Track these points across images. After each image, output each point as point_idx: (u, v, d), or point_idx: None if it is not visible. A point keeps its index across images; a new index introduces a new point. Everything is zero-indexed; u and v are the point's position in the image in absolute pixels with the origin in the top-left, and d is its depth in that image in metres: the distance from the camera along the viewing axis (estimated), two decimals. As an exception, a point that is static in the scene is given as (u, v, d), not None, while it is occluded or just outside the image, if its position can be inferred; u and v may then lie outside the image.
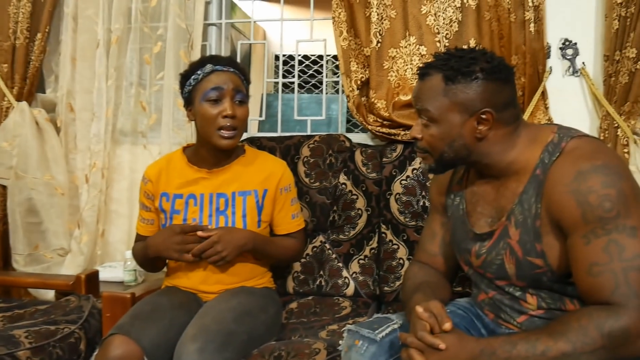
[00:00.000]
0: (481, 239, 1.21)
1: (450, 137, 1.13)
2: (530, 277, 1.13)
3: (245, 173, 1.61)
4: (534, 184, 1.12)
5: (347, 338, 1.18)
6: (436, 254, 1.38)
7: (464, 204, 1.28)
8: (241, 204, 1.57)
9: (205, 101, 1.52)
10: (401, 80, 1.94)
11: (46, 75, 2.38)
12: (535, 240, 1.10)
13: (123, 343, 1.31)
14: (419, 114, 1.17)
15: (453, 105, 1.12)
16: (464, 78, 1.11)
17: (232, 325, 1.36)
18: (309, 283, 1.87)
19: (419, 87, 1.18)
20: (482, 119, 1.12)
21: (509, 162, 1.15)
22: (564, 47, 1.92)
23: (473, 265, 1.25)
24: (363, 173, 1.89)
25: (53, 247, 2.30)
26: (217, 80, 1.52)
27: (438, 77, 1.13)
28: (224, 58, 1.61)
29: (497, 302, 1.22)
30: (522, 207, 1.13)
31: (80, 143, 2.30)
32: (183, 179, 1.60)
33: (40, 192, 2.27)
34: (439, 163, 1.18)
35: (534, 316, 1.16)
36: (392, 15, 1.93)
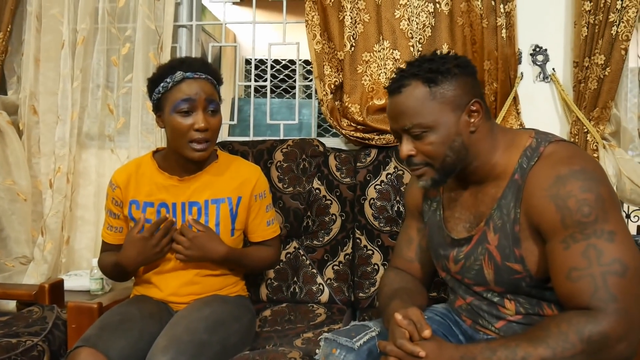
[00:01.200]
0: (459, 244, 1.21)
1: (450, 139, 1.11)
2: (508, 282, 1.12)
3: (218, 180, 1.55)
4: (512, 189, 1.11)
5: (324, 347, 1.16)
6: (412, 260, 1.37)
7: (441, 209, 1.27)
8: (214, 212, 1.52)
9: (175, 112, 1.43)
10: (375, 85, 1.93)
11: (8, 76, 2.29)
12: (514, 245, 1.10)
13: (90, 356, 1.25)
14: (405, 131, 1.12)
15: (444, 105, 1.10)
16: (444, 76, 1.10)
17: (205, 335, 1.32)
18: (282, 290, 1.84)
19: (398, 103, 1.12)
20: (472, 111, 1.12)
21: (492, 165, 1.14)
22: (535, 53, 1.94)
23: (451, 271, 1.24)
24: (337, 178, 1.87)
25: (15, 255, 2.20)
26: (188, 91, 1.43)
27: (417, 83, 1.11)
28: (196, 62, 1.51)
29: (475, 308, 1.21)
30: (500, 212, 1.13)
31: (44, 147, 2.22)
32: (153, 186, 1.54)
33: (1, 197, 2.17)
34: (442, 171, 1.14)
35: (512, 321, 1.15)
36: (366, 19, 1.92)
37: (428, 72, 1.11)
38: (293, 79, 3.78)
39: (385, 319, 1.17)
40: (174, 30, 2.21)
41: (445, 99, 1.10)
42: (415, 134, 1.11)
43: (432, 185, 1.16)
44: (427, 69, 1.11)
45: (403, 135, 1.13)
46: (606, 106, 1.80)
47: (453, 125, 1.11)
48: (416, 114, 1.10)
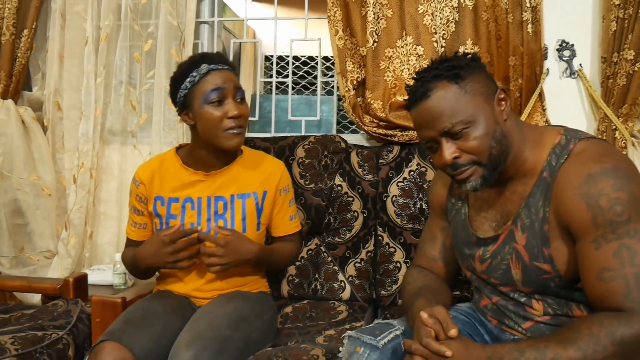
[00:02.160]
0: (485, 243, 1.19)
1: (492, 129, 1.08)
2: (537, 282, 1.10)
3: (243, 175, 1.55)
4: (541, 187, 1.09)
5: (347, 344, 1.15)
6: (436, 259, 1.36)
7: (467, 208, 1.26)
8: (240, 206, 1.52)
9: (207, 104, 1.44)
10: (398, 81, 1.91)
11: (33, 72, 2.32)
12: (543, 245, 1.08)
13: (114, 350, 1.26)
14: (445, 134, 1.08)
15: (477, 97, 1.08)
16: (466, 71, 1.09)
17: (227, 331, 1.32)
18: (304, 287, 1.84)
19: (430, 107, 1.08)
20: (500, 99, 1.11)
21: (522, 162, 1.12)
22: (561, 48, 1.91)
23: (476, 271, 1.22)
24: (359, 175, 1.86)
25: (39, 249, 2.23)
26: (217, 81, 1.44)
27: (444, 83, 1.08)
28: (216, 55, 1.52)
29: (501, 308, 1.20)
30: (528, 211, 1.11)
31: (67, 142, 2.24)
32: (178, 182, 1.54)
33: (27, 192, 2.20)
34: (490, 165, 1.09)
35: (540, 322, 1.14)
36: (389, 15, 1.90)
37: (450, 70, 1.09)
38: (312, 75, 3.77)
39: (409, 318, 1.16)
40: (196, 26, 2.21)
41: (476, 91, 1.08)
42: (457, 134, 1.07)
43: (482, 184, 1.11)
44: (447, 67, 1.09)
45: (442, 139, 1.09)
46: (635, 102, 1.76)
47: (491, 115, 1.09)
48: (454, 112, 1.07)
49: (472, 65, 1.11)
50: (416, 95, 1.11)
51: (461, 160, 1.09)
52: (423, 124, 1.11)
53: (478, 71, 1.11)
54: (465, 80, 1.08)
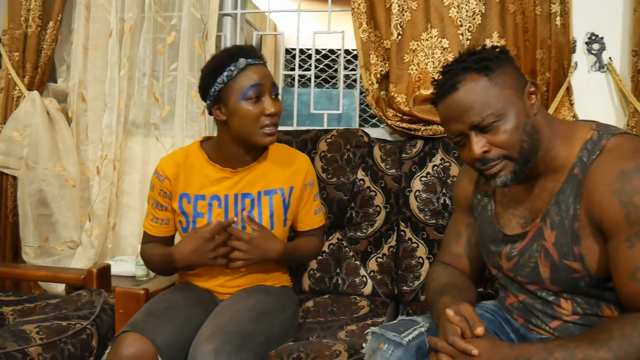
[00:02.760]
0: (512, 240, 1.16)
1: (523, 122, 1.05)
2: (566, 281, 1.08)
3: (270, 171, 1.53)
4: (571, 184, 1.07)
5: (371, 341, 1.13)
6: (461, 256, 1.33)
7: (493, 204, 1.23)
8: (267, 203, 1.51)
9: (244, 100, 1.40)
10: (422, 74, 1.88)
11: (58, 64, 2.34)
12: (573, 243, 1.05)
13: (136, 341, 1.27)
14: (474, 128, 1.05)
15: (507, 90, 1.05)
16: (495, 63, 1.06)
17: (249, 325, 1.32)
18: (325, 281, 1.83)
19: (459, 100, 1.05)
20: (530, 93, 1.08)
21: (552, 157, 1.09)
22: (590, 41, 1.86)
23: (502, 268, 1.20)
24: (382, 169, 1.84)
25: (63, 240, 2.26)
26: (255, 77, 1.41)
27: (473, 75, 1.05)
28: (251, 49, 1.46)
29: (528, 307, 1.17)
30: (558, 208, 1.08)
31: (91, 134, 2.26)
32: (204, 179, 1.51)
33: (51, 183, 2.23)
34: (521, 160, 1.06)
35: (568, 322, 1.11)
36: (414, 7, 1.88)
37: (479, 62, 1.06)
38: (333, 68, 3.75)
39: (434, 315, 1.14)
40: (219, 18, 2.21)
41: (506, 84, 1.06)
42: (486, 128, 1.04)
43: (512, 179, 1.07)
44: (476, 59, 1.07)
45: (471, 133, 1.06)
46: (667, 97, 1.72)
47: (521, 108, 1.06)
48: (484, 105, 1.04)
49: (502, 57, 1.08)
50: (444, 88, 1.08)
51: (491, 155, 1.06)
52: (451, 117, 1.08)
53: (507, 64, 1.09)
54: (495, 72, 1.05)
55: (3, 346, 1.29)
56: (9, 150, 2.25)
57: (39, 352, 1.34)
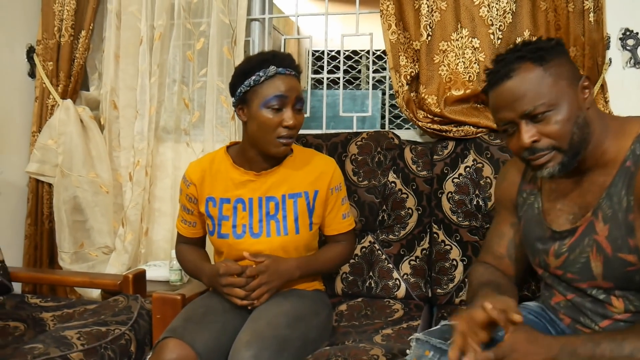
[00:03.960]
0: (561, 237, 1.14)
1: (575, 114, 1.05)
2: (620, 276, 1.06)
3: (294, 174, 1.53)
4: (623, 177, 1.05)
5: (415, 347, 1.11)
6: (503, 256, 1.31)
7: (540, 201, 1.21)
8: (292, 207, 1.51)
9: (265, 107, 1.42)
10: (453, 75, 1.86)
11: (90, 72, 2.38)
12: (628, 235, 1.03)
13: (177, 347, 1.28)
14: (525, 117, 1.06)
15: (561, 81, 1.05)
16: (551, 54, 1.06)
17: (286, 330, 1.32)
18: (358, 284, 1.83)
19: (512, 88, 1.06)
20: (584, 87, 1.08)
21: (602, 152, 1.09)
22: (625, 37, 1.83)
23: (550, 267, 1.18)
24: (413, 171, 1.83)
25: (98, 245, 2.30)
26: (282, 88, 1.41)
27: (527, 65, 1.06)
28: (287, 58, 1.47)
29: (577, 305, 1.15)
30: (610, 201, 1.06)
31: (123, 141, 2.29)
32: (229, 182, 1.53)
33: (85, 190, 2.27)
34: (570, 152, 1.06)
35: (620, 320, 1.09)
36: (443, 7, 1.86)
37: (534, 52, 1.06)
38: (356, 69, 3.75)
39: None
40: (247, 24, 2.22)
41: (561, 75, 1.06)
42: (538, 117, 1.05)
43: (560, 170, 1.07)
44: (532, 49, 1.07)
45: (521, 122, 1.06)
46: None
47: (574, 100, 1.06)
48: (537, 94, 1.04)
49: (558, 49, 1.08)
50: (497, 75, 1.08)
51: (540, 145, 1.06)
52: (503, 105, 1.08)
53: (563, 56, 1.09)
54: (550, 63, 1.05)
55: (46, 352, 1.31)
56: (45, 158, 2.30)
57: (80, 358, 1.36)
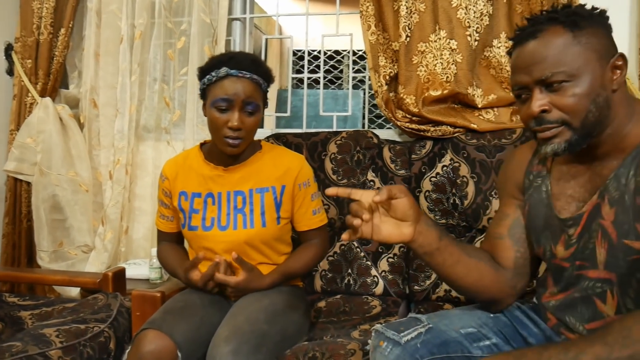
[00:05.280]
0: (568, 225, 1.07)
1: (595, 91, 0.95)
2: (624, 265, 0.97)
3: (262, 170, 1.57)
4: (634, 157, 0.97)
5: (373, 338, 1.12)
6: (503, 236, 1.19)
7: (548, 185, 1.12)
8: (259, 201, 1.54)
9: (214, 107, 1.46)
10: (431, 75, 1.90)
11: (69, 70, 2.38)
12: (636, 219, 0.94)
13: (156, 338, 1.30)
14: (540, 82, 0.98)
15: (590, 53, 0.96)
16: (587, 22, 0.97)
17: (265, 325, 1.34)
18: (337, 282, 1.85)
19: (534, 50, 0.98)
20: (616, 67, 0.98)
21: (622, 137, 1.00)
22: (598, 40, 1.87)
23: (557, 257, 1.10)
24: (391, 170, 1.86)
25: (77, 244, 2.29)
26: (228, 90, 1.44)
27: (557, 28, 0.97)
28: (245, 60, 1.49)
29: (568, 304, 1.09)
30: (618, 183, 0.98)
31: (103, 139, 2.29)
32: (201, 177, 1.57)
33: (65, 188, 2.26)
34: (581, 131, 0.97)
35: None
36: (422, 9, 1.89)
37: (569, 16, 0.97)
38: (338, 69, 3.78)
39: None
40: (228, 23, 2.23)
41: (591, 46, 0.96)
42: (554, 86, 0.97)
43: (565, 149, 0.99)
44: (568, 12, 0.98)
45: (535, 88, 0.98)
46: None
47: (599, 77, 0.96)
48: (558, 60, 0.96)
49: (597, 19, 0.99)
50: (523, 34, 1.00)
51: (550, 116, 0.98)
52: (521, 66, 1.00)
53: (600, 27, 0.99)
54: (583, 31, 0.96)
55: (24, 350, 1.31)
56: (23, 157, 2.29)
57: (59, 355, 1.36)
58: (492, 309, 1.18)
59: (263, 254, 1.56)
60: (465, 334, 1.11)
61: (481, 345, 1.11)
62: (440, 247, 1.10)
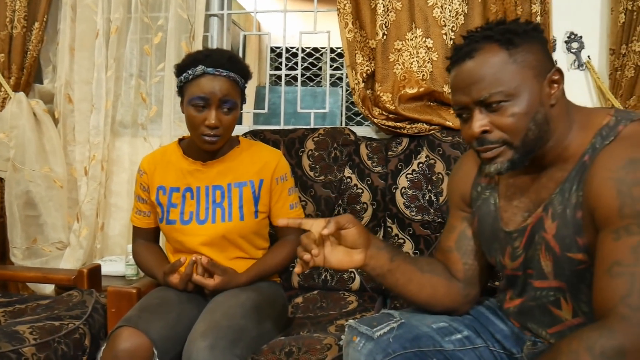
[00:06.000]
0: (513, 237, 1.09)
1: (534, 109, 0.95)
2: (571, 274, 0.99)
3: (240, 164, 1.58)
4: (578, 171, 0.98)
5: (346, 333, 1.14)
6: (451, 250, 1.21)
7: (497, 197, 1.14)
8: (237, 195, 1.55)
9: (190, 105, 1.47)
10: (407, 73, 1.92)
11: (44, 65, 2.34)
12: (576, 234, 0.96)
13: (132, 335, 1.29)
14: (479, 103, 0.98)
15: (526, 70, 0.96)
16: (522, 39, 0.97)
17: (242, 320, 1.35)
18: (314, 277, 1.86)
19: (471, 70, 0.98)
20: (553, 81, 0.99)
21: (564, 147, 1.01)
22: (570, 40, 1.92)
23: (506, 267, 1.12)
24: (368, 167, 1.88)
25: (52, 241, 2.26)
26: (205, 88, 1.44)
27: (493, 46, 0.97)
28: (222, 57, 1.49)
29: (526, 310, 1.11)
30: (562, 197, 0.99)
31: (79, 135, 2.26)
32: (179, 172, 1.58)
33: (39, 184, 2.23)
34: (522, 149, 0.98)
35: (568, 327, 1.04)
36: (398, 7, 1.91)
37: (504, 34, 0.97)
38: (317, 67, 3.79)
39: None
40: (206, 19, 2.22)
41: (527, 63, 0.96)
42: (493, 106, 0.96)
43: (508, 168, 1.00)
44: (502, 30, 0.97)
45: (475, 109, 0.98)
46: (643, 94, 1.77)
47: (537, 94, 0.96)
48: (495, 80, 0.95)
49: (532, 34, 0.98)
50: (460, 53, 1.00)
51: (491, 137, 0.98)
52: (459, 87, 1.00)
53: (536, 42, 0.99)
54: (519, 48, 0.96)
55: (-3, 346, 1.30)
56: (-5, 152, 2.25)
57: (32, 352, 1.35)
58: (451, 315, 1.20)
59: (241, 248, 1.57)
60: (437, 329, 1.14)
61: (452, 339, 1.14)
62: (392, 268, 1.14)
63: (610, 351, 0.81)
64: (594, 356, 0.81)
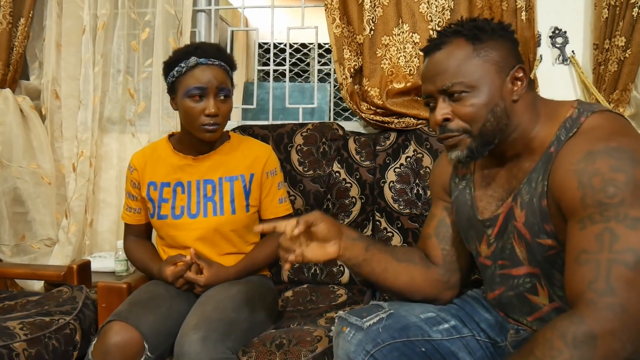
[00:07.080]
0: (487, 225, 1.14)
1: (493, 102, 1.02)
2: (543, 260, 1.04)
3: (231, 158, 1.60)
4: (544, 161, 1.03)
5: (336, 324, 1.17)
6: (430, 236, 1.27)
7: (472, 187, 1.19)
8: (228, 189, 1.56)
9: (187, 97, 1.48)
10: (394, 68, 1.94)
11: (30, 61, 2.32)
12: (543, 221, 1.01)
13: (122, 329, 1.30)
14: (443, 92, 1.04)
15: (488, 65, 1.03)
16: (488, 36, 1.03)
17: (233, 313, 1.36)
18: (303, 271, 1.88)
19: (437, 61, 1.05)
20: (516, 78, 1.04)
21: (530, 139, 1.06)
22: (554, 35, 1.94)
23: (481, 255, 1.17)
24: (357, 161, 1.89)
25: (40, 237, 2.25)
26: (201, 78, 1.47)
27: (460, 41, 1.04)
28: (211, 48, 1.54)
29: (504, 300, 1.15)
30: (529, 187, 1.04)
31: (66, 131, 2.25)
32: (169, 167, 1.59)
33: (26, 181, 2.22)
34: (480, 139, 1.05)
35: (547, 312, 1.08)
36: (385, 3, 1.93)
37: (472, 30, 1.04)
38: (305, 62, 3.79)
39: None
40: (193, 14, 2.22)
41: (490, 59, 1.03)
42: (454, 95, 1.03)
43: (467, 156, 1.06)
44: (471, 26, 1.05)
45: (439, 97, 1.05)
46: (626, 88, 1.81)
47: (497, 88, 1.03)
48: (458, 71, 1.02)
49: (499, 33, 1.05)
50: (430, 46, 1.07)
51: (451, 125, 1.05)
52: (427, 76, 1.07)
53: (502, 40, 1.05)
54: (484, 44, 1.03)
55: (-12, 342, 1.30)
56: (-18, 149, 2.23)
57: (23, 348, 1.35)
58: (435, 305, 1.23)
59: (232, 243, 1.58)
60: (425, 319, 1.16)
61: (440, 329, 1.17)
62: (367, 257, 1.21)
63: (581, 336, 0.84)
64: (567, 343, 0.84)
